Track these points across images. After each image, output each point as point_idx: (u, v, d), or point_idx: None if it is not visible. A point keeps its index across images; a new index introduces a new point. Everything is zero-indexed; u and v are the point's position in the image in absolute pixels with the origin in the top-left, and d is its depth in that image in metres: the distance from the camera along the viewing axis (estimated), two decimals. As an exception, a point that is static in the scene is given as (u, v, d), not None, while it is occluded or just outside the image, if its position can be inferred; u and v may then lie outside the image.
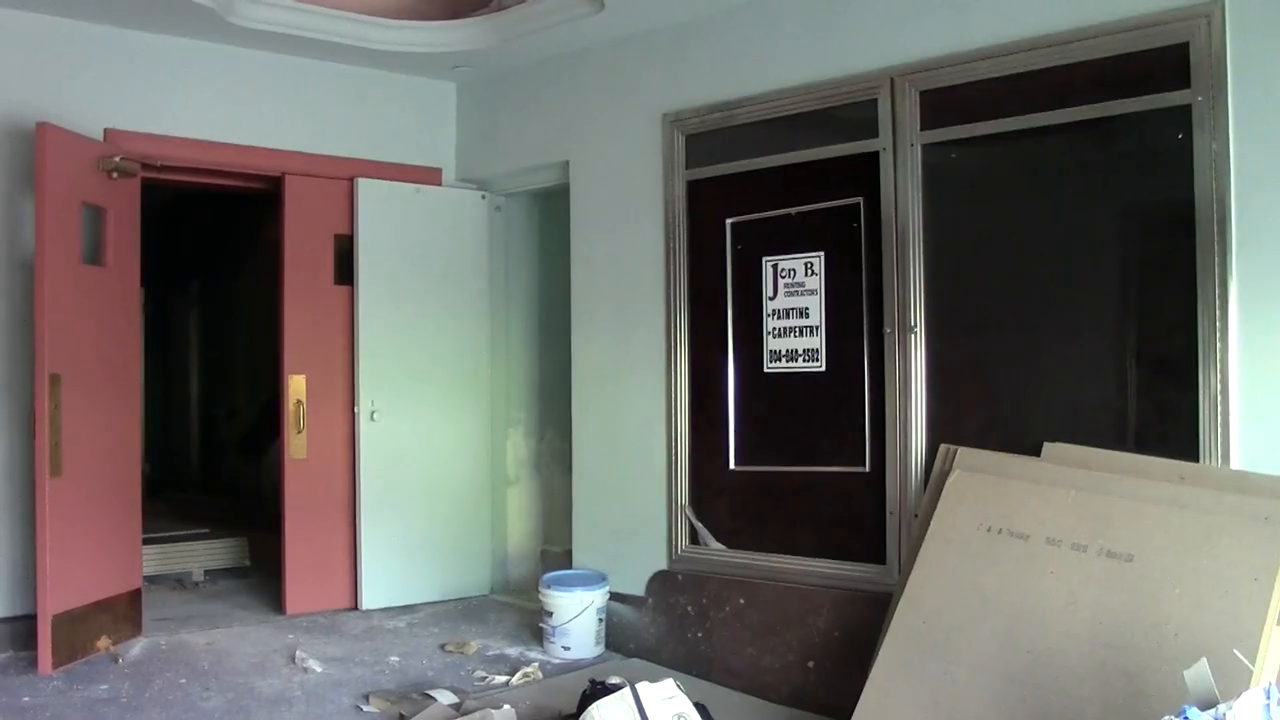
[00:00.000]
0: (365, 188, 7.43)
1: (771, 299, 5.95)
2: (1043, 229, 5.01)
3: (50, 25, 6.48)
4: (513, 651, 6.50)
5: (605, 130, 6.85)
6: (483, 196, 7.88)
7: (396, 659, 6.33)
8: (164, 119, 6.87)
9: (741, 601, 5.90)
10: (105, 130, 6.62)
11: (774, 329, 5.95)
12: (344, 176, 7.43)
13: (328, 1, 6.74)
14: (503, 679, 5.93)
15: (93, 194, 6.35)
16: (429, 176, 7.81)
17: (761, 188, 6.02)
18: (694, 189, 6.33)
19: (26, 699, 5.52)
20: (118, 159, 6.46)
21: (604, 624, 6.50)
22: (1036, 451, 4.79)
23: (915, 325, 5.31)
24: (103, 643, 6.26)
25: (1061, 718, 4.10)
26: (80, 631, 6.13)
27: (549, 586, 6.50)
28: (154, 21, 6.64)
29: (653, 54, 6.55)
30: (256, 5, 6.53)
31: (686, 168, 6.35)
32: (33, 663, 5.95)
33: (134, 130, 6.73)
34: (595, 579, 6.56)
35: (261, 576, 8.32)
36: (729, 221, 6.14)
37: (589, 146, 6.97)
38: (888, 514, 5.40)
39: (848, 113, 5.62)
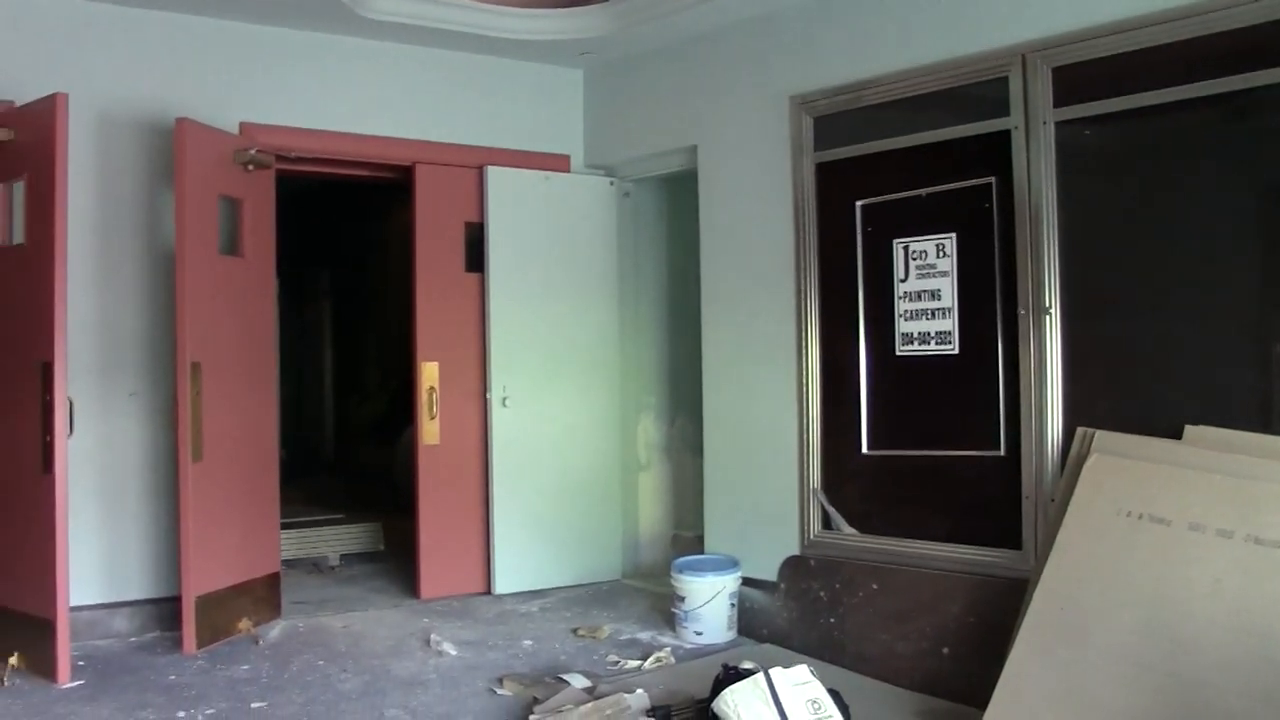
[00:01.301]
0: (494, 176, 7.55)
1: (903, 281, 5.94)
2: (1180, 207, 4.93)
3: (187, 23, 6.70)
4: (644, 636, 6.56)
5: (732, 114, 6.88)
6: (611, 183, 7.97)
7: (529, 643, 6.43)
8: (297, 112, 7.05)
9: (874, 587, 5.91)
10: (240, 124, 6.82)
11: (905, 311, 5.93)
12: (473, 165, 7.56)
13: (455, -10, 6.87)
14: (635, 663, 5.98)
15: (229, 186, 6.56)
16: (557, 163, 7.91)
17: (891, 169, 6.00)
18: (823, 171, 6.34)
19: (172, 677, 5.74)
20: (253, 152, 6.66)
21: (736, 609, 6.53)
22: (1177, 435, 4.72)
23: (1050, 306, 5.26)
24: (243, 624, 6.46)
25: (1203, 708, 4.06)
26: (221, 613, 6.35)
27: (681, 571, 6.55)
28: (287, 17, 6.83)
29: (779, 36, 6.56)
30: (386, -3, 6.69)
31: (815, 150, 6.36)
32: (177, 643, 6.18)
33: (268, 123, 6.92)
34: (727, 564, 6.60)
35: (395, 561, 8.50)
36: (859, 204, 6.14)
37: (716, 130, 7.01)
38: (1023, 498, 5.36)
39: (978, 91, 5.58)
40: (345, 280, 14.21)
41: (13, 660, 5.65)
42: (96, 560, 6.44)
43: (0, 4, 6.21)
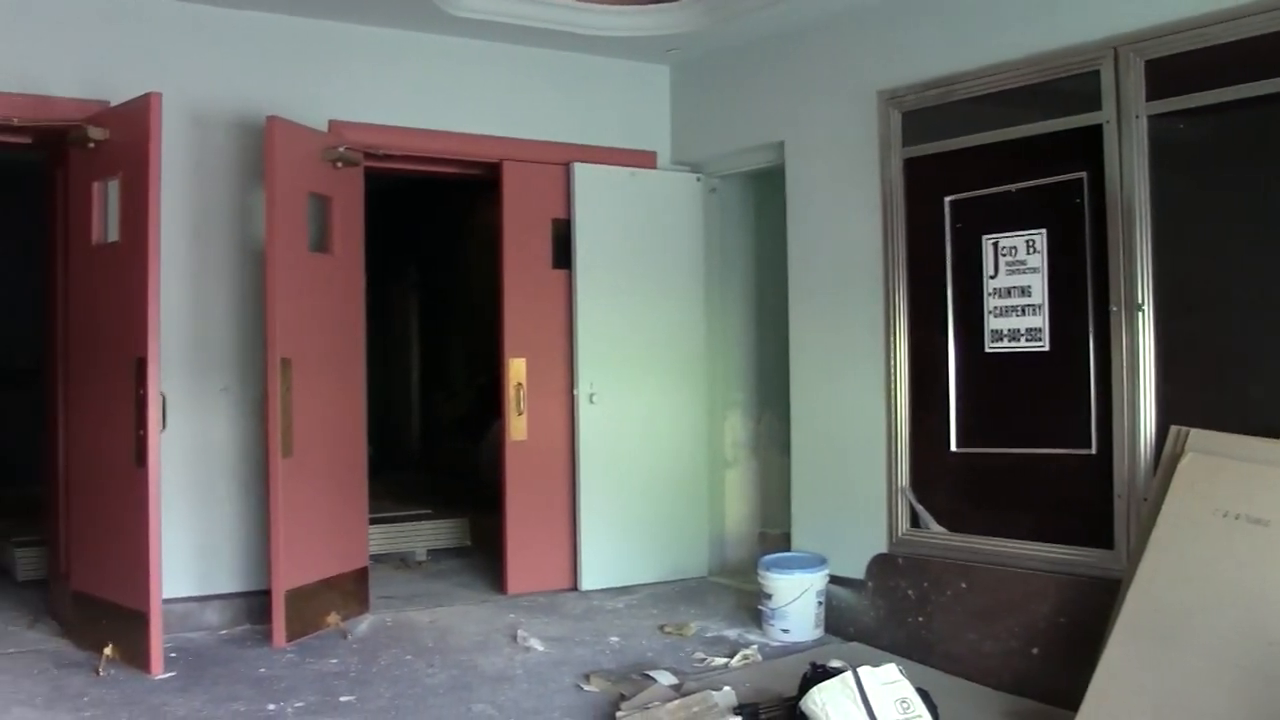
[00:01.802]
0: (581, 172, 7.61)
1: (992, 277, 5.91)
2: (1277, 201, 4.86)
3: (276, 22, 6.83)
4: (731, 633, 6.59)
5: (820, 109, 6.88)
6: (698, 179, 8.00)
7: (616, 639, 6.48)
8: (384, 109, 7.15)
9: (963, 585, 5.89)
10: (329, 122, 6.93)
11: (995, 308, 5.90)
12: (560, 162, 7.63)
13: (541, -11, 6.93)
14: (722, 661, 6.00)
15: (318, 184, 6.66)
16: (644, 160, 7.95)
17: (980, 164, 5.97)
18: (911, 167, 6.32)
19: (263, 670, 5.86)
20: (342, 149, 6.77)
21: (823, 607, 6.54)
22: (1274, 434, 4.65)
23: (1142, 303, 5.21)
24: (332, 618, 6.57)
25: (1303, 711, 4.02)
26: (310, 607, 6.46)
27: (768, 569, 6.57)
28: (375, 15, 6.94)
29: (867, 31, 6.56)
30: (474, -5, 6.78)
31: (903, 146, 6.34)
32: (267, 636, 6.29)
33: (356, 121, 7.02)
34: (814, 561, 6.61)
35: (482, 556, 8.58)
36: (948, 200, 6.11)
37: (803, 126, 7.02)
38: (1115, 497, 5.32)
39: (1069, 85, 5.53)
40: (431, 276, 14.33)
41: (108, 651, 5.79)
42: (188, 553, 6.56)
43: (96, 5, 6.36)
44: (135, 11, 6.46)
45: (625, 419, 7.70)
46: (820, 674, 4.81)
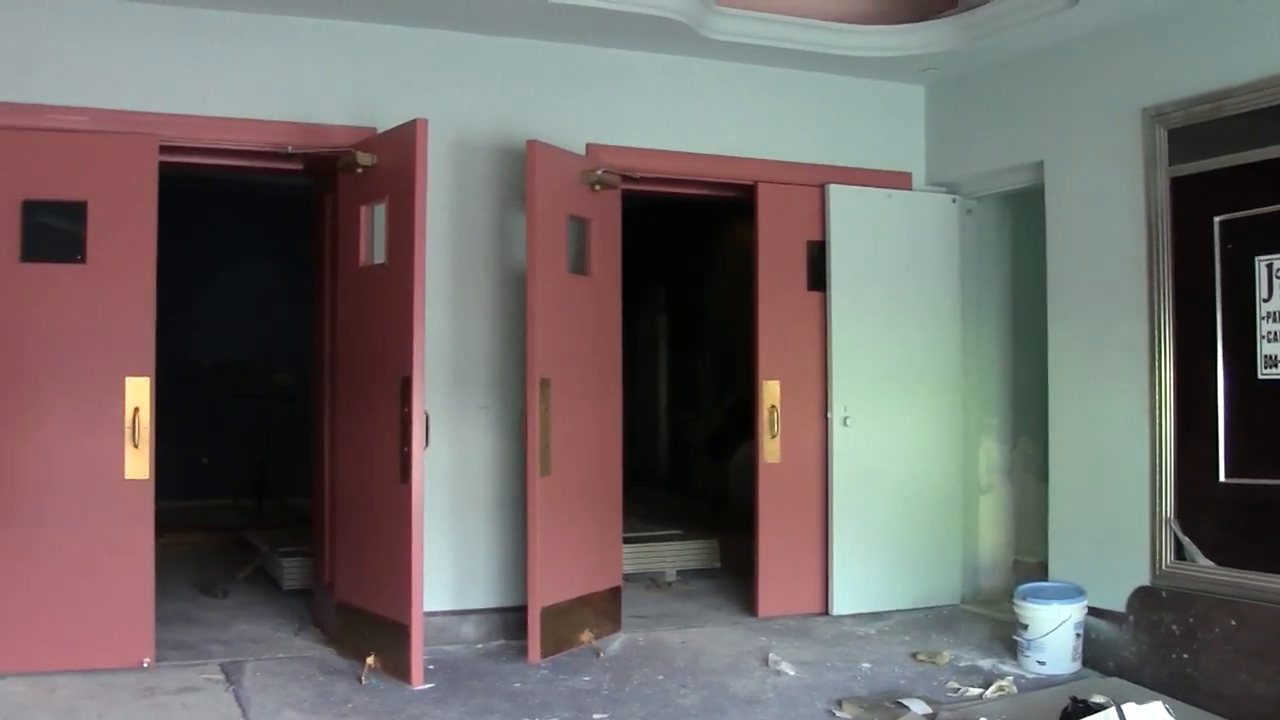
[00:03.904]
0: (836, 194, 7.69)
1: (1266, 300, 5.76)
2: None
3: (535, 49, 7.12)
4: (985, 664, 6.55)
5: (1080, 128, 6.82)
6: (953, 200, 8.00)
7: (868, 666, 6.50)
8: (640, 132, 7.37)
9: (1233, 623, 5.73)
10: (586, 145, 7.18)
11: (1269, 333, 5.75)
12: (814, 183, 7.71)
13: (794, 10, 7.05)
14: (976, 691, 5.96)
15: (577, 206, 6.89)
16: (898, 181, 7.98)
17: (1254, 182, 5.82)
18: (1178, 186, 6.20)
19: (518, 685, 6.07)
20: (599, 172, 6.98)
21: (1081, 639, 6.46)
22: None
23: None
24: (585, 636, 6.75)
25: None
26: (565, 624, 6.65)
27: (1024, 598, 6.52)
28: (630, 40, 7.16)
29: (1129, 46, 6.47)
30: (727, 18, 6.93)
31: (1169, 164, 6.22)
32: (521, 652, 6.51)
33: (613, 144, 7.26)
34: (1072, 592, 6.52)
35: (731, 578, 8.69)
36: (1217, 219, 5.97)
37: (1063, 145, 6.96)
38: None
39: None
40: (678, 297, 14.56)
41: (370, 660, 6.09)
42: (447, 568, 6.85)
43: (364, 36, 6.75)
44: (401, 41, 6.83)
45: (879, 442, 7.72)
46: (1081, 709, 4.77)
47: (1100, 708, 4.70)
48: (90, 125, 6.14)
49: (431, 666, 6.22)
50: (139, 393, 6.10)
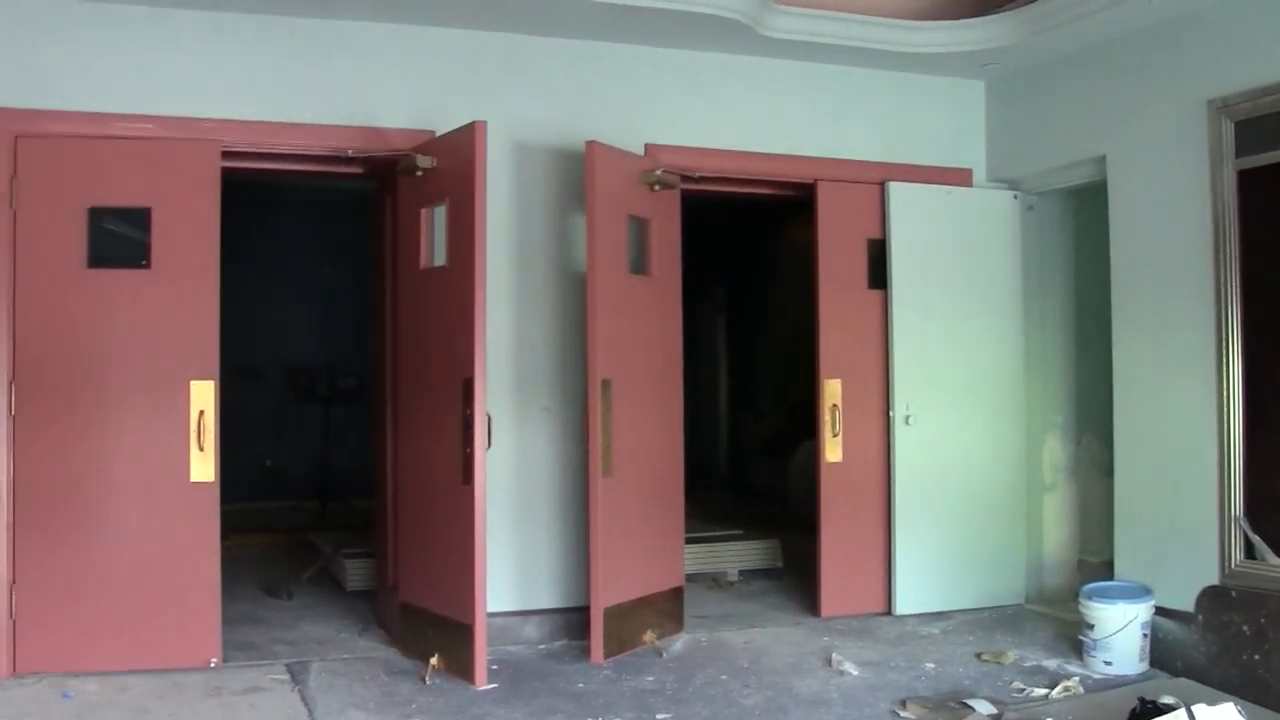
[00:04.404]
0: (896, 191, 7.66)
1: (1336, 293, 5.70)
2: None
3: (593, 49, 7.16)
4: (1050, 664, 6.51)
5: (1144, 121, 6.75)
6: (1014, 196, 7.94)
7: (931, 666, 6.48)
8: (699, 131, 7.38)
9: (1305, 623, 5.68)
10: (645, 145, 7.20)
11: (1340, 328, 5.69)
12: (874, 181, 7.69)
13: (853, 8, 7.03)
14: (1042, 692, 5.93)
15: (637, 206, 6.91)
16: (959, 178, 7.95)
17: (1326, 174, 5.75)
18: (1245, 179, 6.12)
19: (580, 685, 6.11)
20: (659, 172, 7.00)
21: (1148, 639, 6.40)
22: None
23: None
24: (648, 636, 6.77)
25: None
26: (627, 625, 6.68)
27: (1090, 598, 6.48)
28: (688, 39, 7.17)
29: (1194, 37, 6.40)
30: (786, 16, 6.93)
31: (1236, 156, 6.15)
32: (584, 652, 6.54)
33: (672, 144, 7.27)
34: (1139, 591, 6.48)
35: (792, 578, 8.68)
36: (1288, 213, 5.92)
37: (1125, 140, 6.90)
38: None
39: None
40: (738, 296, 14.54)
41: (434, 661, 6.15)
42: (510, 569, 6.90)
43: (422, 39, 6.81)
44: (460, 43, 6.88)
45: (941, 441, 7.69)
46: (1150, 710, 4.73)
47: (1170, 709, 4.65)
48: (154, 132, 6.23)
49: (495, 667, 6.27)
50: (204, 396, 6.19)
